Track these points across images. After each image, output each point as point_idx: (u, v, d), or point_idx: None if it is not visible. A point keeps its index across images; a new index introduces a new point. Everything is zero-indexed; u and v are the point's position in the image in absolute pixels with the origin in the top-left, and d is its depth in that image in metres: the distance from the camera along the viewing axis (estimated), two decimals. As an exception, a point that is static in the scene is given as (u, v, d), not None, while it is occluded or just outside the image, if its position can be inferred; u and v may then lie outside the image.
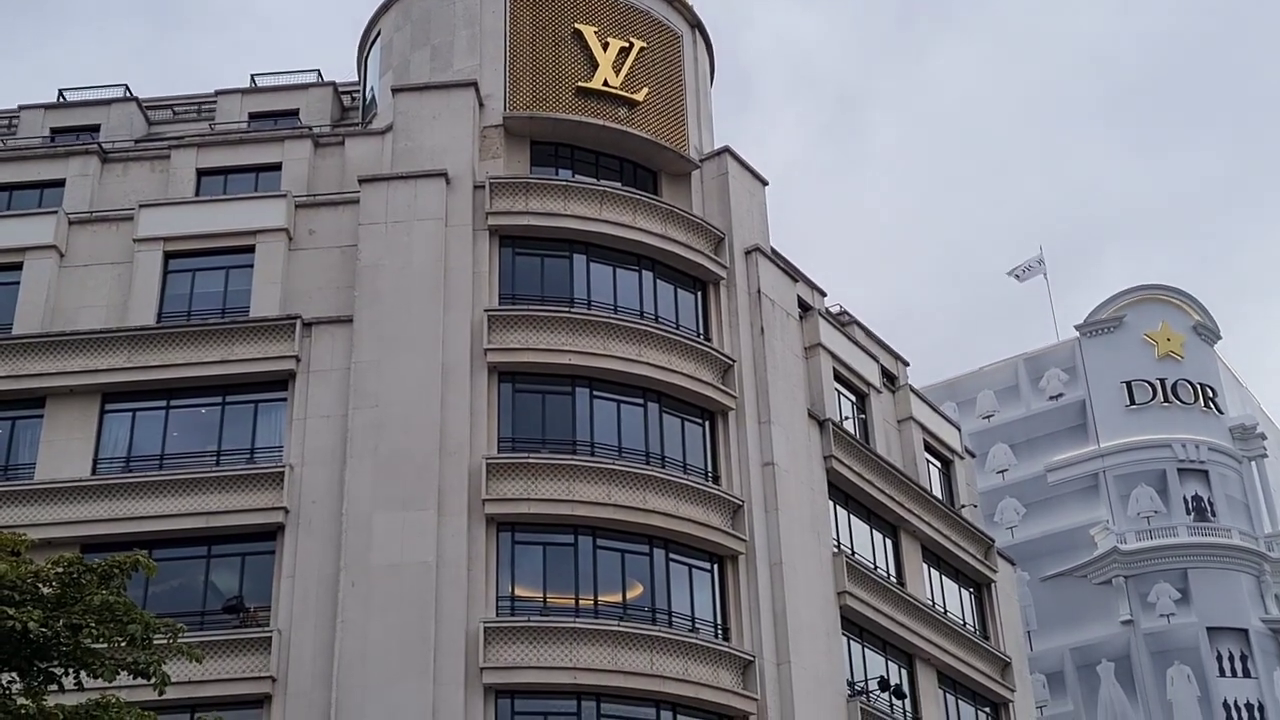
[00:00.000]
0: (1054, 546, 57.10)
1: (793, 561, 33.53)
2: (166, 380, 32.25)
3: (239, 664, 29.02)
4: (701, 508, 32.43)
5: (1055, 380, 60.92)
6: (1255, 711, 53.12)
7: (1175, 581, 54.74)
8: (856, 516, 38.27)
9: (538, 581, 31.04)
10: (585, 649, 29.74)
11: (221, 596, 30.54)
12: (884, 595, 37.06)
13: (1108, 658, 54.41)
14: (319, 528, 30.32)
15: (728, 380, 34.46)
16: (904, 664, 37.84)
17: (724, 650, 31.44)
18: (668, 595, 31.81)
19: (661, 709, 30.49)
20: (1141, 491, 56.78)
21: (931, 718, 37.85)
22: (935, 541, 40.73)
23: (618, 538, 31.60)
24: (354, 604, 29.21)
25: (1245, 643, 54.18)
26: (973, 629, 41.87)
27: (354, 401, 31.17)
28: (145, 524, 30.28)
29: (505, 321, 32.51)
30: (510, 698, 29.51)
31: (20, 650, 16.16)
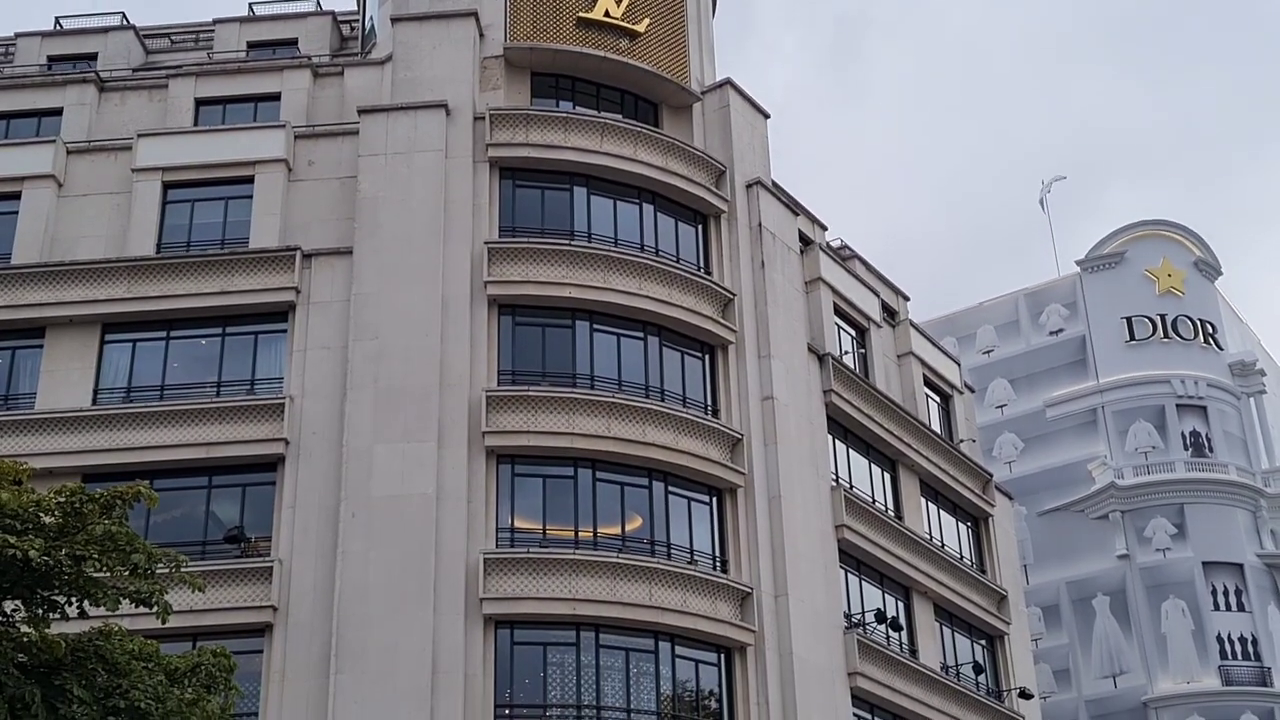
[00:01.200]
0: (1052, 481, 57.32)
1: (791, 495, 33.67)
2: (166, 311, 32.23)
3: (240, 593, 29.23)
4: (701, 441, 32.52)
5: (1055, 316, 60.90)
6: (1249, 645, 53.57)
7: (1172, 517, 55.01)
8: (855, 451, 38.40)
9: (537, 514, 31.19)
10: (584, 580, 29.93)
11: (222, 527, 30.70)
12: (882, 529, 37.27)
13: (1103, 591, 54.77)
14: (319, 459, 30.42)
15: (728, 314, 34.45)
16: (901, 597, 38.11)
17: (722, 582, 31.64)
18: (667, 528, 31.97)
19: (660, 640, 30.73)
20: (1140, 427, 56.92)
21: (928, 650, 38.17)
22: (933, 476, 40.90)
23: (617, 470, 31.72)
24: (354, 535, 29.37)
25: (1240, 577, 54.54)
26: (970, 563, 42.13)
27: (354, 333, 31.18)
28: (146, 454, 30.39)
29: (505, 254, 32.44)
30: (510, 628, 29.74)
31: (22, 579, 16.26)
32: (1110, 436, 57.38)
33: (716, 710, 31.37)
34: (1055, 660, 54.67)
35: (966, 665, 40.03)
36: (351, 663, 28.30)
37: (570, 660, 30.04)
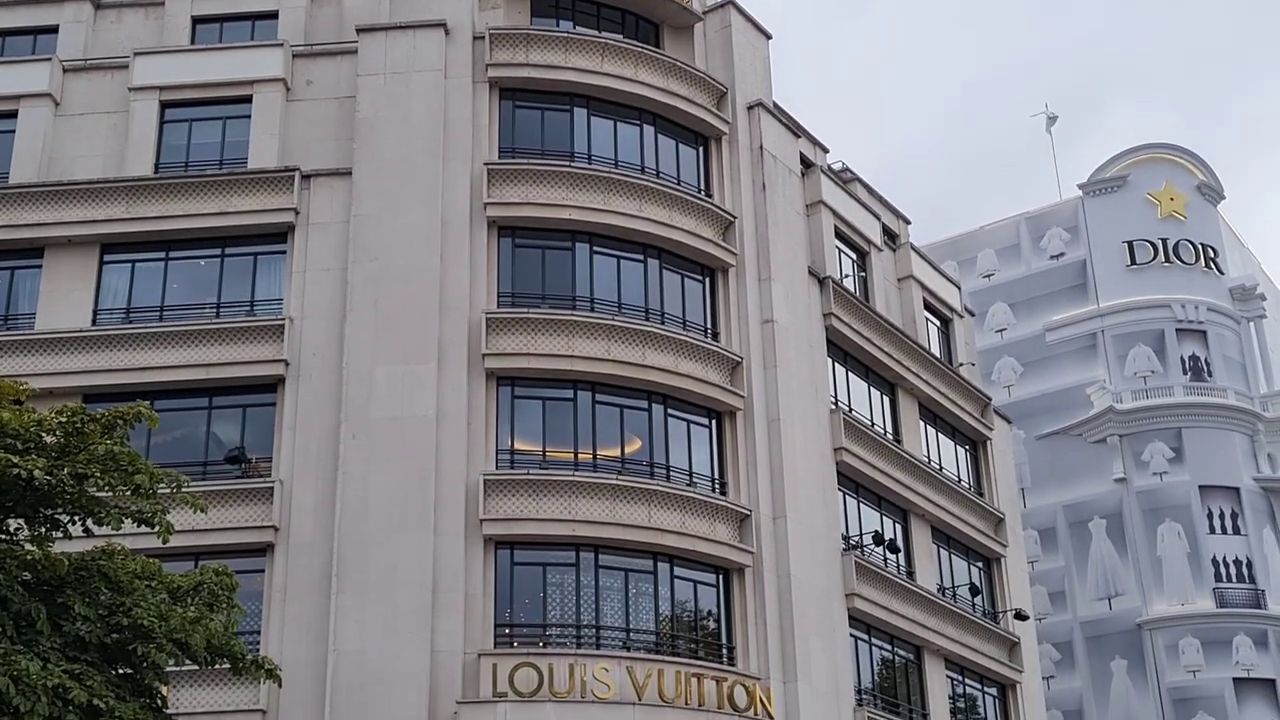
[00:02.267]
0: (1050, 405, 57.45)
1: (790, 418, 33.75)
2: (165, 232, 32.13)
3: (241, 514, 29.40)
4: (700, 364, 32.56)
5: (1056, 239, 60.73)
6: (1243, 568, 53.95)
7: (1169, 440, 55.18)
8: (855, 374, 38.46)
9: (537, 436, 31.29)
10: (584, 502, 30.09)
11: (223, 447, 30.80)
12: (880, 452, 37.41)
13: (1100, 515, 55.07)
14: (319, 380, 30.47)
15: (728, 237, 34.35)
16: (899, 519, 38.35)
17: (721, 504, 31.81)
18: (666, 450, 32.09)
19: (659, 561, 30.95)
20: (1139, 351, 56.94)
21: (925, 572, 38.48)
22: (932, 399, 41.00)
23: (617, 393, 31.79)
24: (355, 456, 29.48)
25: (1236, 501, 54.81)
26: (968, 486, 42.35)
27: (353, 255, 31.11)
28: (146, 375, 30.41)
29: (505, 175, 32.29)
30: (510, 549, 29.94)
31: (25, 498, 16.34)
32: (1109, 361, 57.43)
33: (714, 630, 31.66)
34: (1051, 582, 55.11)
35: (963, 587, 40.36)
36: (352, 582, 28.52)
37: (570, 581, 30.27)
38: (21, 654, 14.85)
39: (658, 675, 29.01)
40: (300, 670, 27.42)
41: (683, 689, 29.16)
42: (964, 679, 39.37)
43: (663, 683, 28.97)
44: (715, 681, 29.82)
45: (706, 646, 31.32)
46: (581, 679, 28.35)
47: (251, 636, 27.71)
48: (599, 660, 28.86)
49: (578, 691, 28.24)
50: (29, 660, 14.79)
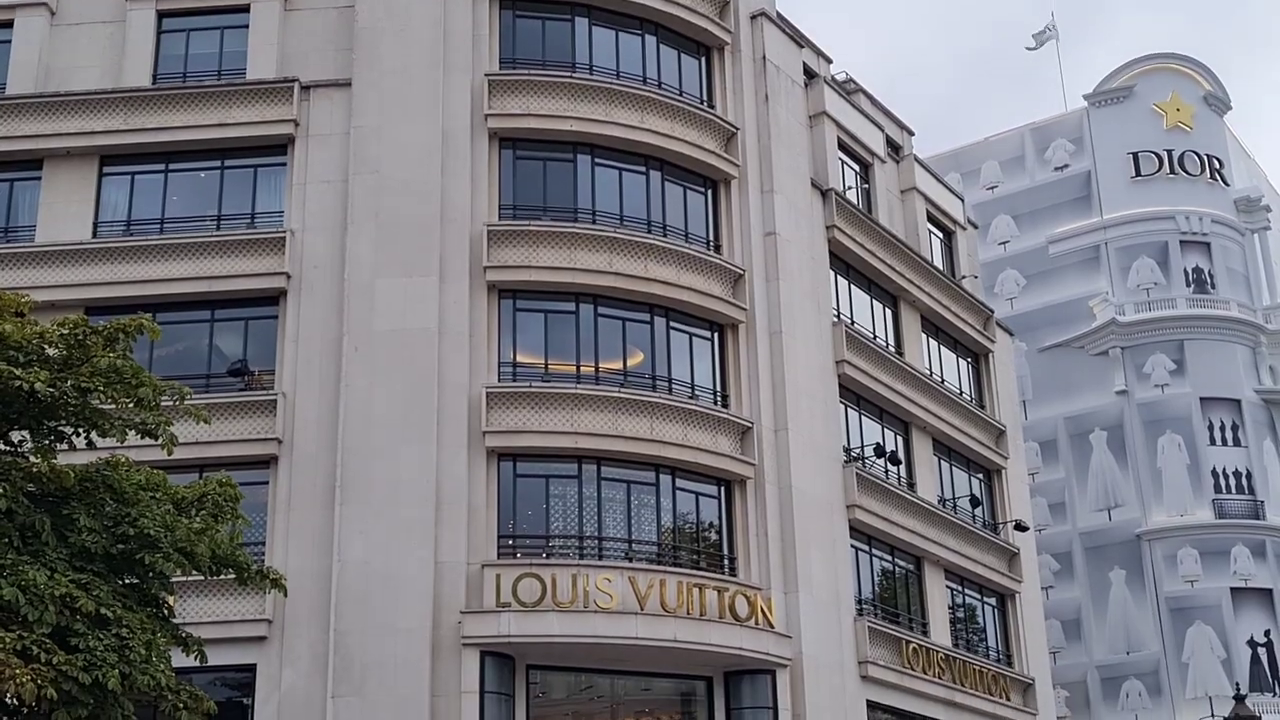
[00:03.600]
0: (1052, 318, 57.39)
1: (792, 330, 33.75)
2: (164, 143, 31.93)
3: (245, 426, 29.49)
4: (702, 276, 32.49)
5: (1061, 151, 60.33)
6: (1243, 479, 54.19)
7: (1171, 353, 55.19)
8: (857, 286, 38.40)
9: (539, 348, 31.31)
10: (586, 414, 30.18)
11: (226, 360, 30.84)
12: (882, 364, 37.45)
13: (1100, 427, 55.22)
14: (321, 293, 30.44)
15: (731, 148, 34.12)
16: (900, 431, 38.47)
17: (723, 417, 31.90)
18: (668, 363, 32.12)
19: (661, 473, 31.10)
20: (1142, 263, 56.78)
21: (926, 483, 38.67)
22: (935, 312, 40.97)
23: (619, 306, 31.75)
24: (357, 369, 29.53)
25: (1237, 413, 54.94)
26: (969, 398, 42.44)
27: (354, 167, 30.94)
28: (147, 288, 30.39)
29: (506, 86, 32.00)
30: (512, 460, 30.08)
31: (29, 410, 16.37)
32: (1113, 273, 57.29)
33: (716, 541, 31.89)
34: (1051, 494, 55.39)
35: (964, 498, 40.59)
36: (356, 494, 28.69)
37: (572, 492, 30.43)
38: (28, 564, 14.97)
39: (660, 585, 29.26)
40: (305, 580, 27.68)
41: (684, 599, 29.43)
42: (963, 589, 39.72)
43: (664, 593, 29.23)
44: (716, 592, 30.08)
45: (708, 557, 31.56)
46: (584, 589, 28.59)
47: (256, 547, 27.91)
48: (601, 571, 29.09)
49: (580, 601, 28.50)
50: (36, 570, 14.91)
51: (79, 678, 14.45)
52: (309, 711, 27.57)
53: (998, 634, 41.21)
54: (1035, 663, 41.56)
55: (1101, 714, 52.25)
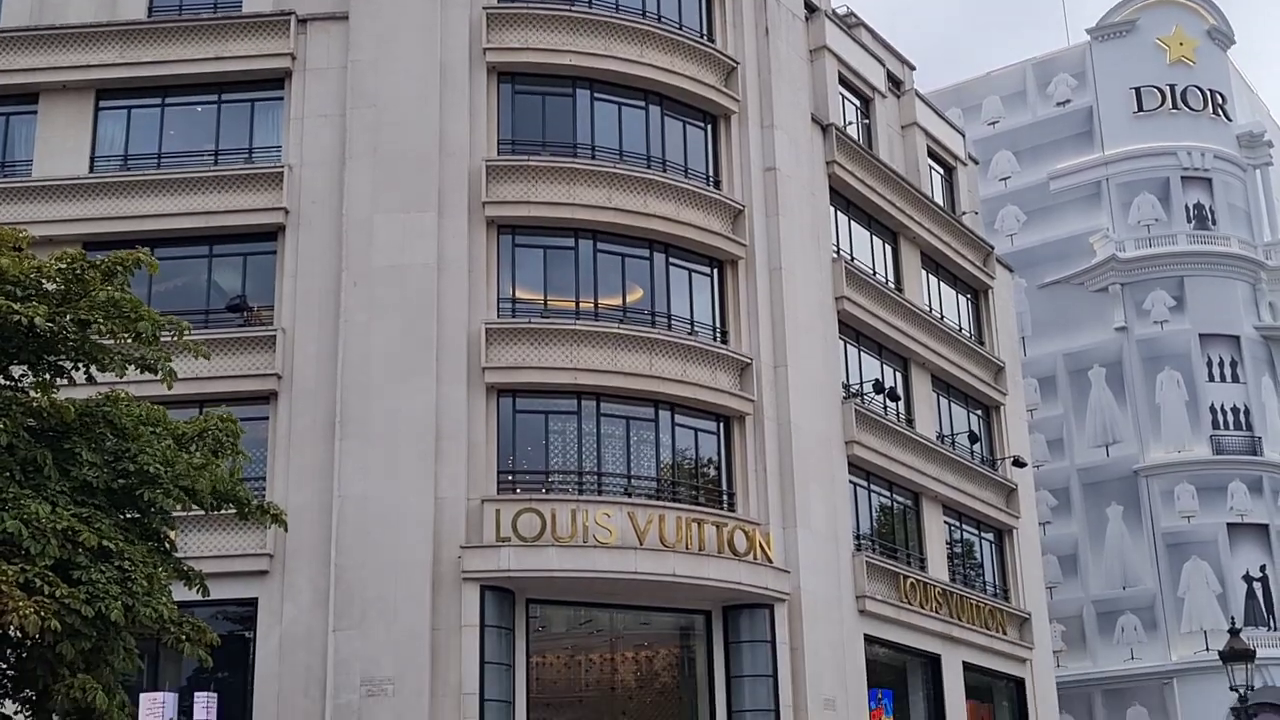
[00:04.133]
0: (1053, 254, 57.26)
1: (792, 266, 33.69)
2: (160, 77, 31.72)
3: (244, 361, 29.51)
4: (702, 212, 32.39)
5: (1063, 86, 59.93)
6: (1241, 415, 54.30)
7: (1171, 289, 55.12)
8: (857, 222, 38.30)
9: (538, 284, 31.26)
10: (585, 350, 30.18)
11: (224, 296, 30.80)
12: (882, 300, 37.43)
13: (1099, 363, 55.24)
14: (319, 228, 30.35)
15: (731, 83, 33.90)
16: (899, 368, 38.51)
17: (722, 353, 31.91)
18: (667, 299, 32.09)
19: (660, 409, 31.15)
20: (1143, 199, 56.56)
21: (924, 419, 38.76)
22: (935, 248, 40.89)
23: (618, 241, 31.67)
24: (356, 304, 29.50)
25: (1236, 349, 54.94)
26: (968, 334, 42.45)
27: (351, 101, 30.74)
28: (145, 223, 30.29)
29: (504, 19, 31.73)
30: (512, 396, 30.12)
31: (28, 344, 16.35)
32: (1113, 209, 57.10)
33: (715, 477, 32.00)
34: (1049, 430, 55.52)
35: (962, 435, 40.69)
36: (356, 429, 28.75)
37: (571, 428, 30.50)
38: (30, 498, 15.01)
39: (659, 520, 29.40)
40: (306, 515, 27.80)
41: (683, 534, 29.57)
42: (961, 524, 39.91)
43: (664, 528, 29.37)
44: (715, 527, 30.22)
45: (707, 493, 31.68)
46: (584, 524, 28.73)
47: (257, 483, 28.00)
48: (601, 506, 29.21)
49: (580, 536, 28.64)
50: (38, 504, 14.95)
51: (81, 610, 14.53)
52: (310, 645, 27.79)
53: (995, 569, 41.47)
54: (1032, 597, 41.85)
55: (1097, 648, 52.68)
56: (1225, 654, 27.83)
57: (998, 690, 40.48)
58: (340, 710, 27.17)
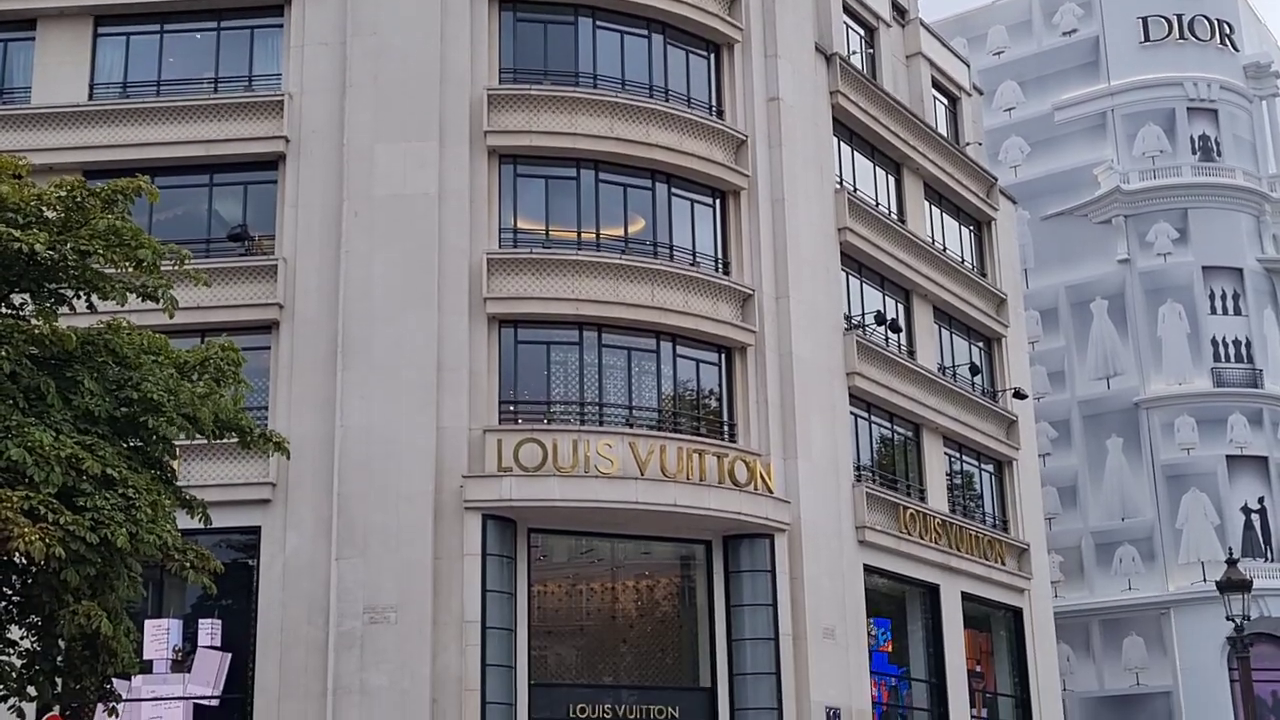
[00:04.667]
0: (1056, 186, 56.96)
1: (795, 197, 33.57)
2: (159, 3, 31.47)
3: (246, 291, 29.49)
4: (705, 142, 32.22)
5: (1070, 15, 59.34)
6: (1242, 348, 54.26)
7: (1175, 221, 54.89)
8: (860, 153, 38.09)
9: (540, 214, 31.17)
10: (587, 281, 30.15)
11: (225, 225, 30.74)
12: (884, 232, 37.32)
13: (1102, 295, 55.12)
14: (320, 158, 30.21)
15: (734, 11, 33.60)
16: (901, 299, 38.46)
17: (724, 284, 31.87)
18: (669, 229, 32.01)
19: (661, 339, 31.17)
20: (1149, 130, 56.16)
21: (926, 351, 38.77)
22: (938, 179, 40.71)
23: (620, 171, 31.54)
24: (357, 234, 29.43)
25: (1239, 281, 54.80)
26: (970, 266, 42.36)
27: (351, 29, 30.48)
28: (145, 151, 30.09)
29: (506, -54, 31.40)
30: (514, 327, 30.12)
31: (28, 272, 16.32)
32: (1118, 140, 56.75)
33: (716, 408, 32.06)
34: (1051, 362, 55.53)
35: (963, 366, 40.73)
36: (357, 359, 28.77)
37: (573, 359, 30.54)
38: (34, 426, 15.04)
39: (660, 451, 29.49)
40: (308, 445, 27.88)
41: (684, 464, 29.68)
42: (961, 456, 40.04)
43: (665, 458, 29.47)
44: (716, 457, 30.33)
45: (708, 424, 31.76)
46: (585, 455, 28.82)
47: (259, 412, 27.99)
48: (602, 436, 29.29)
49: (581, 467, 28.74)
50: (42, 432, 14.98)
51: (86, 537, 14.59)
52: (313, 573, 27.98)
53: (994, 500, 41.66)
54: (1031, 528, 42.07)
55: (1095, 578, 53.01)
56: (1222, 584, 27.98)
57: (996, 620, 40.81)
58: (343, 637, 27.41)
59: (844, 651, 32.05)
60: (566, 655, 30.64)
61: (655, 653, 31.06)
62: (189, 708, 28.13)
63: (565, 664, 30.52)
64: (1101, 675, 52.12)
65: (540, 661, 29.46)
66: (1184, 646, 50.18)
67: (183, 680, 28.22)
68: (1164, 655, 50.87)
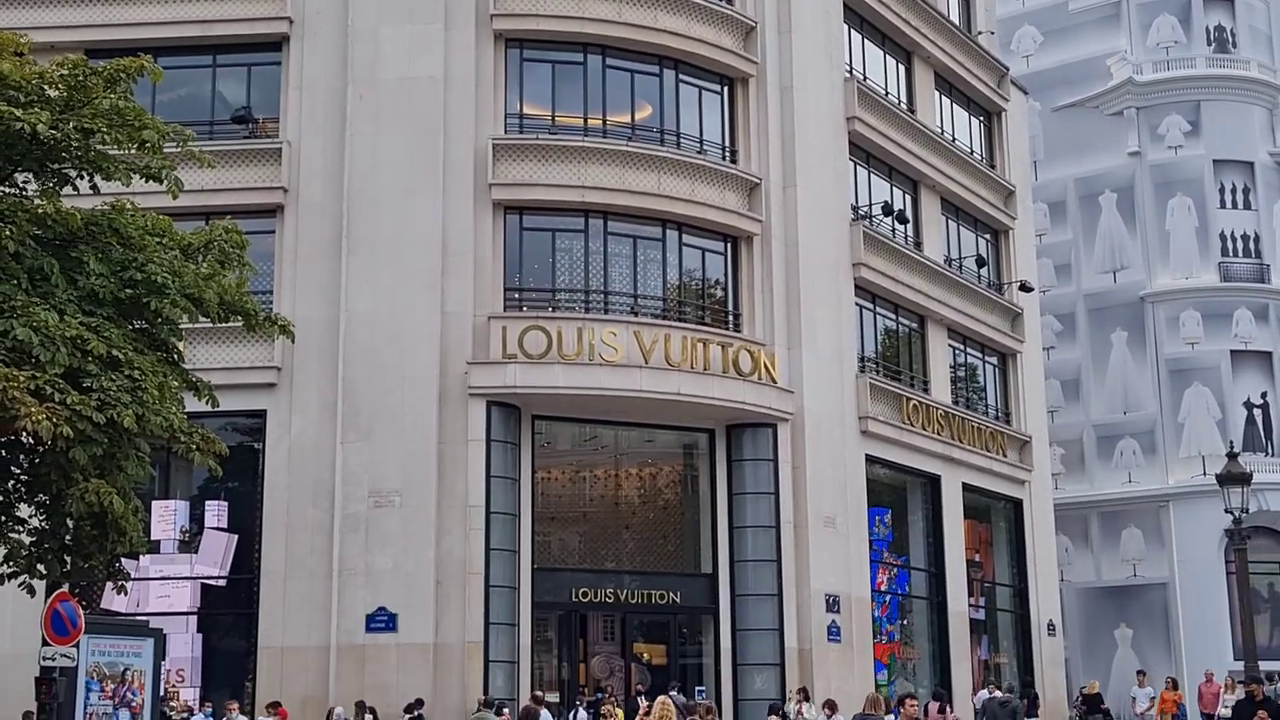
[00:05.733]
0: (1068, 76, 56.23)
1: (803, 85, 33.22)
2: (160, -120, 30.92)
3: (250, 174, 29.35)
4: (713, 28, 31.83)
5: (1086, -99, 58.22)
6: (1250, 242, 53.96)
7: (1187, 114, 54.29)
8: (870, 41, 37.63)
9: (546, 100, 30.90)
10: (593, 168, 29.97)
11: (229, 107, 30.48)
12: (894, 121, 36.99)
13: (1111, 188, 54.67)
14: (325, 40, 29.88)
15: (745, -107, 33.00)
16: (909, 190, 38.24)
17: (731, 172, 31.68)
18: (676, 116, 31.76)
19: (668, 228, 31.06)
20: (1163, 21, 55.33)
21: (932, 242, 38.62)
22: (948, 69, 40.24)
23: (627, 57, 31.22)
24: (362, 118, 29.21)
25: (1250, 175, 54.31)
26: (979, 157, 42.04)
27: (356, -93, 29.99)
28: (147, 30, 29.75)
29: None
30: (519, 213, 30.00)
31: (31, 152, 16.18)
32: (1132, 31, 55.94)
33: (721, 298, 32.05)
34: (1057, 255, 55.29)
35: (970, 258, 40.60)
36: (362, 244, 28.72)
37: (579, 246, 30.46)
38: (39, 306, 15.01)
39: (664, 340, 29.52)
40: (313, 330, 27.92)
41: (689, 353, 29.72)
42: (965, 348, 40.07)
43: (669, 347, 29.50)
44: (721, 347, 30.37)
45: (713, 313, 31.76)
46: (589, 342, 28.86)
47: (264, 296, 27.97)
48: (607, 324, 29.31)
49: (586, 354, 28.79)
50: (47, 312, 14.95)
51: (93, 416, 14.63)
52: (318, 456, 28.18)
53: (997, 392, 41.77)
54: (1033, 421, 42.24)
55: (1095, 471, 53.28)
56: (1222, 477, 28.16)
57: (996, 511, 41.13)
58: (349, 520, 27.67)
59: (845, 540, 32.35)
60: (569, 540, 30.97)
61: (657, 539, 31.38)
62: (197, 587, 28.52)
63: (568, 549, 30.85)
64: (1099, 566, 52.62)
65: (543, 546, 29.77)
66: (1182, 539, 50.57)
67: (190, 561, 28.57)
68: (1161, 548, 51.29)
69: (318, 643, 27.46)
